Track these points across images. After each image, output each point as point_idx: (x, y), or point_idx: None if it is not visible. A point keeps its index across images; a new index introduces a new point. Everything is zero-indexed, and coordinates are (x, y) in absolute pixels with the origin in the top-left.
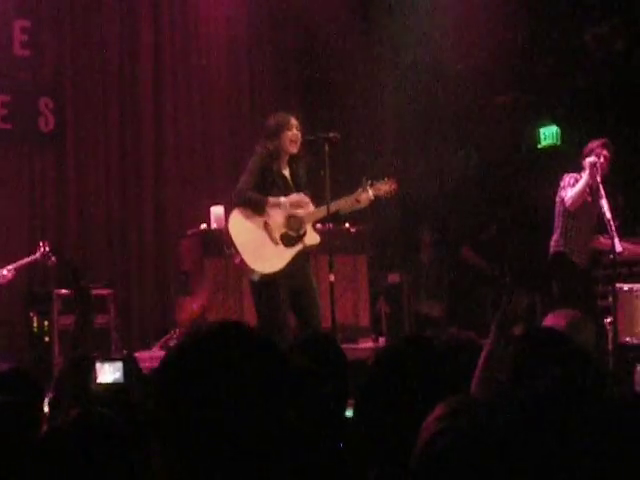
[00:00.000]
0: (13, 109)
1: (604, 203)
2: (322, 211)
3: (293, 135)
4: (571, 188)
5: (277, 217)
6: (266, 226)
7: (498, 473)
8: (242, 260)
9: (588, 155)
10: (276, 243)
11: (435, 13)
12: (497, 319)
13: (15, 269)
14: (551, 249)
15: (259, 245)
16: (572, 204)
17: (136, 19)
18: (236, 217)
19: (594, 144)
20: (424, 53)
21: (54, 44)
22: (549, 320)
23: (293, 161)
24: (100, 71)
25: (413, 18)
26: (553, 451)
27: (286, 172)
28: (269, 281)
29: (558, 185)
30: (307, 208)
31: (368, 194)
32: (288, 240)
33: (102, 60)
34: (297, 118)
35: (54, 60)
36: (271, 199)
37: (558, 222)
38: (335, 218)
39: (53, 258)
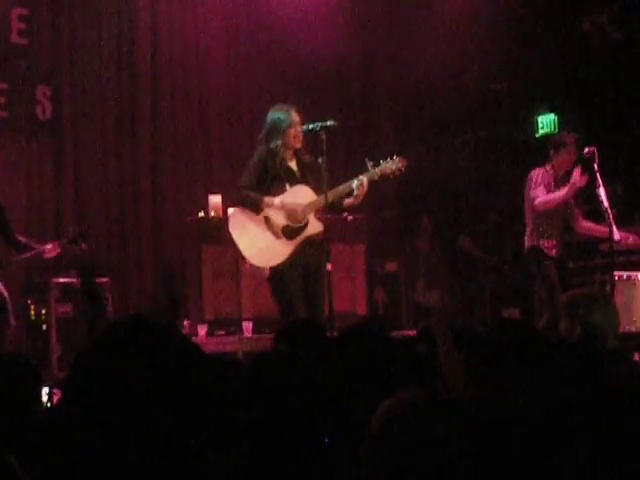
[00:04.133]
0: (10, 97)
1: (602, 192)
2: (323, 200)
3: (296, 132)
4: (541, 187)
5: (276, 212)
6: (267, 221)
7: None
8: (250, 264)
9: (558, 147)
10: (278, 237)
11: (432, 1)
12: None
13: (61, 246)
14: (525, 244)
15: (261, 242)
16: (542, 209)
17: (134, 7)
18: (236, 218)
19: (569, 138)
20: (422, 41)
21: (51, 32)
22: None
23: (298, 152)
24: (97, 59)
25: (410, 10)
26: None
27: (292, 164)
28: (279, 274)
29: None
30: (309, 199)
31: (372, 176)
32: (290, 232)
33: (99, 48)
34: (298, 111)
35: (51, 48)
36: (266, 199)
37: (529, 218)
38: (337, 206)
39: (84, 246)
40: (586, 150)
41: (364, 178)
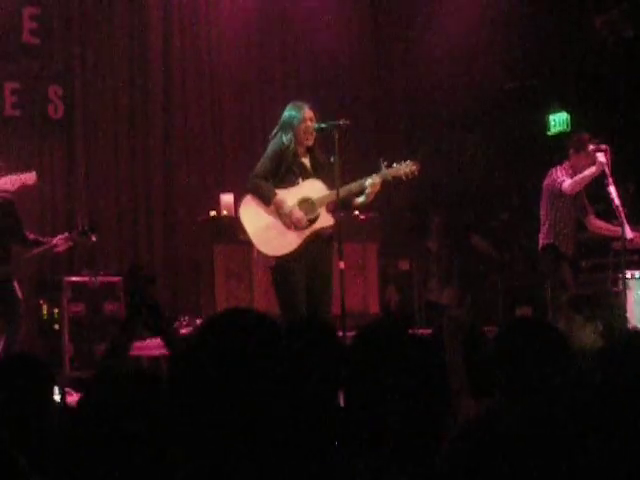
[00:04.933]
0: (22, 96)
1: (612, 190)
2: (334, 194)
3: (307, 127)
4: (568, 178)
5: (289, 202)
6: (278, 210)
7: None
8: (258, 251)
9: (579, 148)
10: (288, 227)
11: (445, 1)
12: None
13: (71, 239)
14: (540, 242)
15: (270, 230)
16: (571, 191)
17: (146, 5)
18: (247, 204)
19: (582, 138)
20: (434, 40)
21: (63, 32)
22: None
23: (311, 148)
24: (109, 58)
25: (423, 7)
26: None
27: (305, 160)
28: (284, 265)
29: (544, 177)
30: (321, 193)
31: (384, 176)
32: None
33: (111, 47)
34: (311, 108)
35: (63, 48)
36: (278, 198)
37: (546, 215)
38: (348, 203)
39: (93, 238)
40: (603, 147)
41: (377, 178)
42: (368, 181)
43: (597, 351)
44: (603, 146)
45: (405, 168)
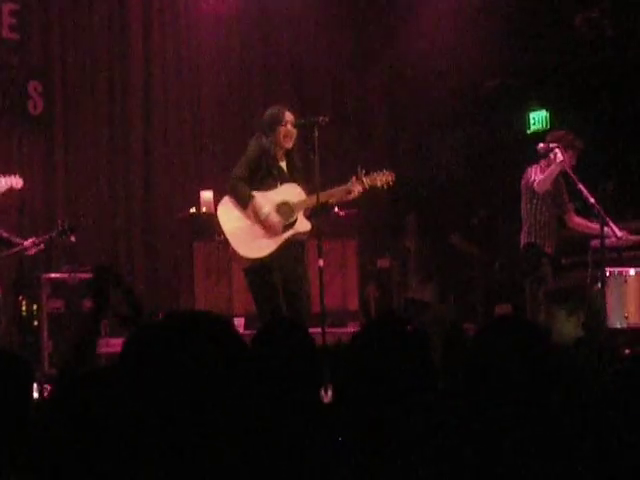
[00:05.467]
0: (2, 92)
1: (582, 188)
2: (313, 199)
3: (287, 131)
4: (540, 176)
5: (267, 205)
6: (254, 214)
7: None
8: (233, 250)
9: (566, 147)
10: (265, 230)
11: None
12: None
13: (41, 242)
14: (522, 241)
15: (248, 232)
16: (541, 189)
17: (126, 2)
18: (226, 205)
19: (569, 136)
20: (413, 38)
21: (43, 27)
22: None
23: (289, 153)
24: (89, 54)
25: (402, 6)
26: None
27: (283, 164)
28: (260, 267)
29: (521, 178)
30: (300, 197)
31: (362, 185)
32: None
33: (91, 43)
34: (292, 111)
35: (42, 43)
36: (256, 200)
37: (526, 214)
38: (325, 207)
39: (72, 238)
40: (552, 145)
41: (356, 187)
42: (345, 188)
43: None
44: (552, 144)
45: (382, 177)
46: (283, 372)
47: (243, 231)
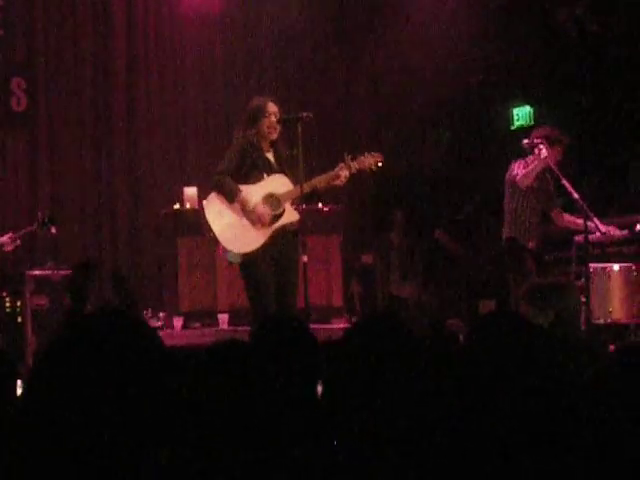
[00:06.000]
0: None
1: (566, 183)
2: (299, 189)
3: (271, 122)
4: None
5: (254, 198)
6: (242, 208)
7: None
8: (223, 248)
9: (554, 143)
10: (253, 223)
11: None
12: None
13: (19, 237)
14: (503, 235)
15: (236, 227)
16: (523, 184)
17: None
18: (212, 201)
19: (555, 132)
20: (398, 34)
21: (26, 24)
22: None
23: (275, 143)
24: (72, 50)
25: (386, 3)
26: None
27: (269, 155)
28: (250, 262)
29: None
30: (286, 188)
31: (349, 169)
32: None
33: (74, 39)
34: (275, 102)
35: (26, 40)
36: (242, 194)
37: (508, 208)
38: (312, 197)
39: (53, 229)
40: (537, 140)
41: (343, 172)
42: (335, 174)
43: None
44: (537, 140)
45: (370, 159)
46: (284, 368)
47: (232, 227)
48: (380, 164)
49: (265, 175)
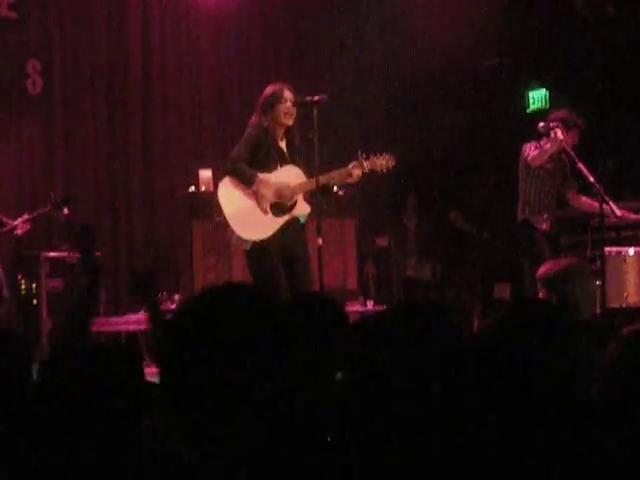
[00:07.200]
0: (0, 71)
1: (582, 167)
2: (313, 182)
3: (287, 108)
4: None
5: (267, 187)
6: (256, 195)
7: None
8: (232, 231)
9: (570, 127)
10: (265, 212)
11: None
12: None
13: (30, 220)
14: (517, 217)
15: (248, 213)
16: (536, 163)
17: None
18: (225, 186)
19: (571, 115)
20: (412, 17)
21: (41, 6)
22: (544, 267)
23: (289, 132)
24: (88, 32)
25: None
26: None
27: (282, 144)
28: (260, 249)
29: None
30: (299, 179)
31: (362, 168)
32: (277, 210)
33: (89, 21)
34: (291, 89)
35: (41, 22)
36: (260, 175)
37: (521, 191)
38: (326, 190)
39: (66, 210)
40: (553, 124)
41: (356, 171)
42: (345, 172)
43: None
44: (553, 123)
45: (382, 161)
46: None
47: (244, 212)
48: (391, 167)
49: (278, 166)
